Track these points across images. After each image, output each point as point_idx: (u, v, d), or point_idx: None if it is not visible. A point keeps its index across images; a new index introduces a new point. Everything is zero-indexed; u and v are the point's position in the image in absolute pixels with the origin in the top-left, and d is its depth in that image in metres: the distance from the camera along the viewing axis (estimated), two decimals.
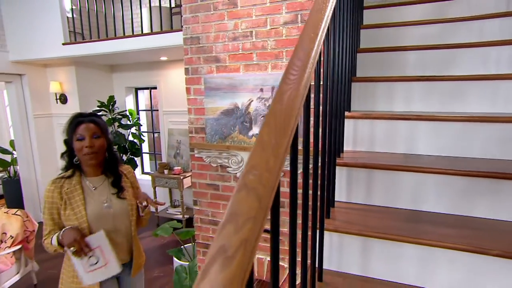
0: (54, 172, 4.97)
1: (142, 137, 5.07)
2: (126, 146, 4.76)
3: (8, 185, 5.05)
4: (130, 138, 4.88)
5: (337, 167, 1.38)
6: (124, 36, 3.65)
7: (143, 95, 5.58)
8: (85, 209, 1.51)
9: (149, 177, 4.86)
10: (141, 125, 5.25)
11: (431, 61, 1.90)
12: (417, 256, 1.14)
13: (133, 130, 4.91)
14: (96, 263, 1.49)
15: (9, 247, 2.77)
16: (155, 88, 5.07)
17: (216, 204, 2.11)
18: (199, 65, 2.00)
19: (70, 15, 4.23)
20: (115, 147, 3.42)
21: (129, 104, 5.32)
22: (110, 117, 4.73)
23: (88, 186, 1.58)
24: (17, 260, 2.86)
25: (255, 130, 1.86)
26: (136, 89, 5.41)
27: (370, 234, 1.17)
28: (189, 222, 4.46)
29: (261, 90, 1.82)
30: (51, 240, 1.49)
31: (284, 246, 1.97)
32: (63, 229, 1.48)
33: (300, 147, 0.75)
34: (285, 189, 1.91)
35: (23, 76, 4.56)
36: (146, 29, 3.84)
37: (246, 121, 1.88)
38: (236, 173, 1.98)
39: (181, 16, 3.52)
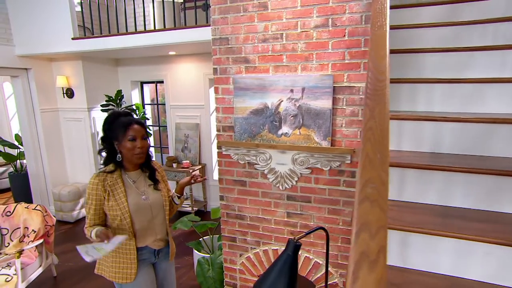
0: (62, 166, 5.00)
1: (149, 130, 5.10)
2: None
3: (15, 179, 5.06)
4: None
5: None
6: (136, 32, 3.66)
7: (148, 89, 5.59)
8: (127, 201, 1.64)
9: None
10: (148, 119, 5.27)
11: (448, 63, 1.98)
12: (452, 248, 1.25)
13: None
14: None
15: (32, 241, 2.83)
16: (162, 82, 5.08)
17: (243, 199, 2.19)
18: (227, 65, 2.06)
19: (78, 8, 4.20)
20: None
21: (135, 98, 5.33)
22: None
23: (128, 180, 1.71)
24: (40, 253, 2.92)
25: (285, 129, 1.94)
26: (142, 83, 5.41)
27: (410, 229, 1.28)
28: (197, 214, 4.55)
29: (291, 91, 1.89)
30: (91, 233, 1.63)
31: (310, 239, 2.08)
32: (98, 229, 1.60)
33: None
34: (311, 185, 2.01)
35: (29, 71, 4.53)
36: (157, 24, 3.85)
37: (276, 120, 1.95)
38: (264, 170, 2.07)
39: (195, 13, 3.56)
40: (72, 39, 3.93)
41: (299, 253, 2.10)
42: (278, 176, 2.04)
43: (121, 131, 1.61)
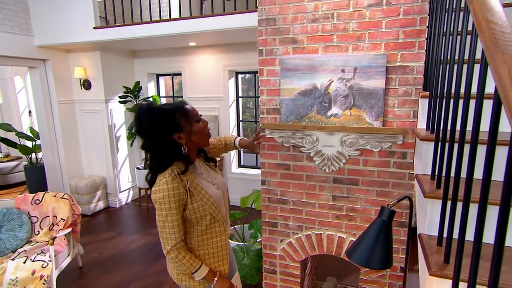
0: (78, 158, 4.94)
1: None
2: None
3: (31, 172, 5.01)
4: None
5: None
6: (160, 20, 3.62)
7: (162, 81, 5.55)
8: (211, 196, 1.44)
9: None
10: None
11: None
12: None
13: None
14: None
15: (62, 229, 2.79)
16: (179, 74, 5.05)
17: (286, 183, 2.17)
18: (274, 46, 2.03)
19: None
20: None
21: (151, 90, 5.30)
22: (136, 103, 4.71)
23: (197, 173, 1.47)
24: (68, 242, 2.89)
25: (334, 110, 1.92)
26: (158, 75, 5.38)
27: None
28: None
29: (343, 71, 1.87)
30: (196, 271, 1.40)
31: (357, 222, 2.06)
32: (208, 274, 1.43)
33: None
34: (359, 167, 1.99)
35: (47, 62, 4.49)
36: (180, 13, 3.81)
37: (325, 101, 1.93)
38: (310, 152, 2.04)
39: (223, 1, 3.52)
40: (94, 28, 3.89)
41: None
42: (325, 158, 2.02)
43: (183, 117, 1.37)
